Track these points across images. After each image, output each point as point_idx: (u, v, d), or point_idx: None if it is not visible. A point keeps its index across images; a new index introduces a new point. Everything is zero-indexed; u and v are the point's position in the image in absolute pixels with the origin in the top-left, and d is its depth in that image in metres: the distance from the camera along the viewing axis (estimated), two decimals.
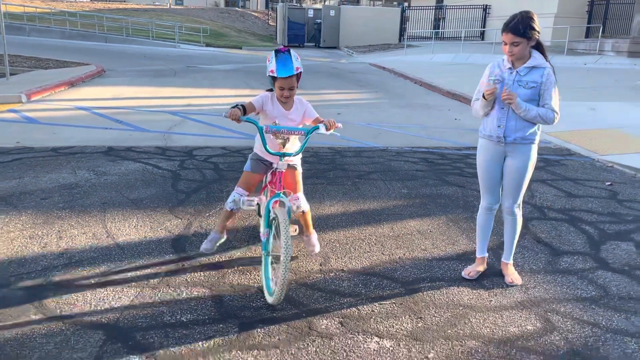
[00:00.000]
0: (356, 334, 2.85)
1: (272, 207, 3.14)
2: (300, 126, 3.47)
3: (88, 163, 6.04)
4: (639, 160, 6.67)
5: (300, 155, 3.55)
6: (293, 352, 2.67)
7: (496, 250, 3.95)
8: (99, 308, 3.03)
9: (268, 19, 42.37)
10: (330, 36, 31.44)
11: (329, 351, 2.69)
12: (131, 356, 2.60)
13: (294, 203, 3.42)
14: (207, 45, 27.73)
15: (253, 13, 44.89)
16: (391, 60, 21.32)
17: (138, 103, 10.28)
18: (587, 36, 23.76)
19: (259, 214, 3.69)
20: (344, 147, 7.24)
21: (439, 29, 31.35)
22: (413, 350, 2.72)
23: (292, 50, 3.27)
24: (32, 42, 22.81)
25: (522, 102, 3.13)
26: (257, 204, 3.51)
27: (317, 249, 3.74)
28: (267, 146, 3.23)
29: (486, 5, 29.33)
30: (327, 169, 6.10)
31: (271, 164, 3.45)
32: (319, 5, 37.91)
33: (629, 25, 21.36)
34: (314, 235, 3.75)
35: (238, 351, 2.67)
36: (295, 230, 3.96)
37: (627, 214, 4.85)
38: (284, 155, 3.26)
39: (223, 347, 2.69)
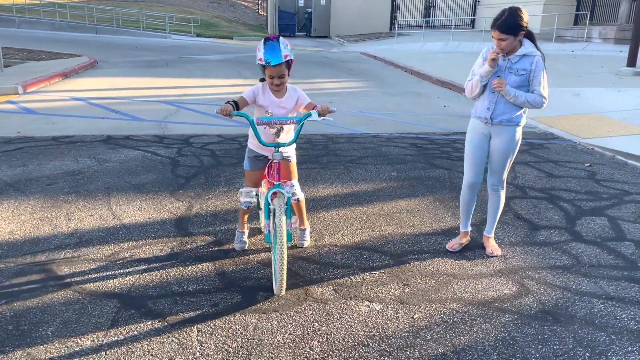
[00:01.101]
0: (348, 299, 3.13)
1: (271, 199, 3.20)
2: (294, 114, 3.45)
3: (89, 151, 6.25)
4: (618, 143, 6.98)
5: (294, 146, 3.54)
6: (291, 314, 2.94)
7: (479, 225, 4.24)
8: (111, 280, 3.28)
9: (259, 9, 42.32)
10: (321, 25, 31.52)
11: (324, 313, 2.97)
12: (144, 320, 2.86)
13: (290, 190, 3.45)
14: (198, 35, 27.75)
15: (243, 3, 44.78)
16: (382, 49, 21.52)
17: (132, 93, 10.46)
18: (575, 23, 24.08)
19: (259, 207, 3.88)
20: (337, 133, 7.49)
21: (429, 17, 31.55)
22: (400, 312, 3.00)
23: (281, 38, 3.21)
24: (23, 34, 22.75)
25: (511, 89, 3.36)
26: (256, 194, 3.61)
27: (307, 244, 3.83)
28: (262, 138, 3.21)
29: None
30: (320, 155, 6.35)
31: (267, 157, 3.47)
32: None
33: (617, 13, 21.66)
34: (307, 230, 3.84)
35: (241, 315, 2.93)
36: (296, 221, 3.72)
37: (604, 192, 5.15)
38: (278, 145, 3.21)
39: (227, 312, 2.96)
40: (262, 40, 3.20)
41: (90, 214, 4.35)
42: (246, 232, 3.81)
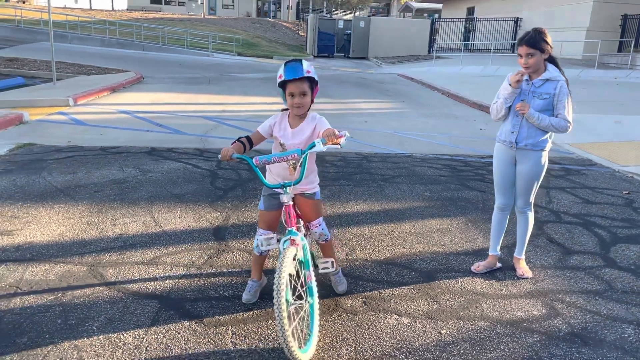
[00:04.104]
0: (377, 311, 3.21)
1: (283, 248, 2.70)
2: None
3: (133, 161, 6.55)
4: None
5: (316, 181, 3.21)
6: (321, 324, 3.05)
7: (510, 247, 4.25)
8: (152, 283, 3.46)
9: (298, 30, 43.13)
10: (359, 47, 31.92)
11: (353, 324, 3.06)
12: (182, 321, 3.02)
13: (315, 231, 3.19)
14: (239, 54, 28.49)
15: (284, 23, 45.75)
16: (419, 71, 21.62)
17: (175, 108, 10.86)
18: (619, 50, 23.66)
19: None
20: (371, 152, 7.60)
21: (468, 41, 31.52)
22: (428, 326, 3.06)
23: (303, 60, 2.96)
24: (74, 49, 23.87)
25: (534, 112, 3.43)
26: (278, 240, 2.88)
27: (342, 288, 3.41)
28: (266, 179, 3.01)
29: (517, 18, 29.43)
30: (354, 172, 6.47)
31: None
32: (349, 17, 38.49)
33: None
34: (339, 274, 3.44)
35: (273, 321, 3.05)
36: (333, 264, 3.16)
37: None
38: (284, 185, 2.84)
39: (260, 317, 3.09)
40: (284, 63, 2.96)
41: (134, 220, 4.57)
42: (264, 283, 3.39)
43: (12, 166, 6.13)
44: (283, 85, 2.93)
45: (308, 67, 2.89)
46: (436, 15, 43.24)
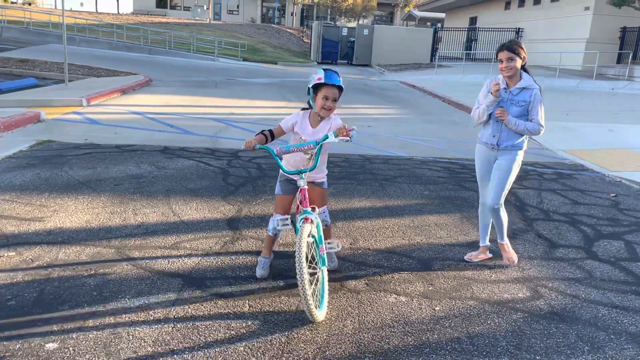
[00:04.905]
0: (378, 291, 3.57)
1: (300, 225, 3.16)
2: None
3: (148, 159, 6.93)
4: None
5: (325, 171, 3.62)
6: (328, 300, 3.41)
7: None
8: (175, 264, 3.83)
9: (303, 36, 43.67)
10: (362, 54, 32.41)
11: (357, 301, 3.42)
12: (204, 295, 3.39)
13: (320, 216, 3.48)
14: (244, 59, 28.96)
15: (288, 30, 46.31)
16: (422, 79, 22.05)
17: (185, 110, 11.26)
18: (618, 62, 24.08)
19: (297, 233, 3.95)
20: (373, 155, 7.98)
21: (470, 50, 32.00)
22: (423, 304, 3.43)
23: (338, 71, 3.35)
24: (83, 52, 24.32)
25: (512, 118, 3.85)
26: (292, 220, 3.41)
27: (333, 265, 3.85)
28: (285, 167, 3.39)
29: (519, 29, 29.92)
30: (358, 173, 6.84)
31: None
32: (353, 24, 39.01)
33: None
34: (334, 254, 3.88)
35: (285, 297, 3.42)
36: (338, 245, 3.51)
37: (625, 220, 5.44)
38: (300, 172, 3.24)
39: (273, 293, 3.45)
40: (321, 69, 3.35)
41: (153, 211, 4.95)
42: (270, 258, 3.79)
43: (35, 161, 6.51)
44: (316, 87, 3.31)
45: (341, 78, 3.33)
46: (439, 25, 43.80)
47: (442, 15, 45.12)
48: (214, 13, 53.81)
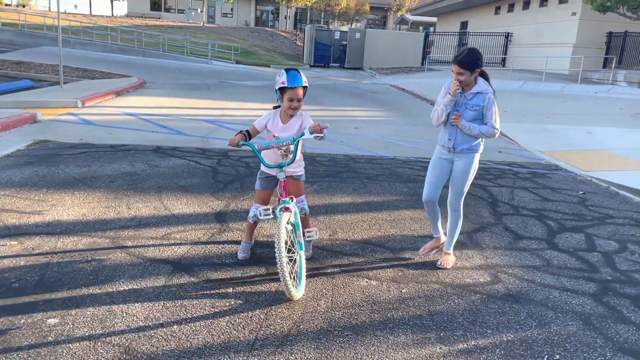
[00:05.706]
0: (351, 276, 3.92)
1: (279, 213, 3.49)
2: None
3: (141, 158, 7.24)
4: (615, 176, 7.61)
5: (302, 165, 4.02)
6: (305, 284, 3.74)
7: (470, 233, 4.98)
8: (165, 252, 4.15)
9: (296, 40, 44.05)
10: (354, 58, 32.82)
11: (331, 285, 3.76)
12: (192, 279, 3.72)
13: (298, 206, 3.79)
14: (238, 62, 29.29)
15: (282, 33, 46.69)
16: (411, 82, 22.45)
17: (177, 112, 11.57)
18: (604, 66, 24.61)
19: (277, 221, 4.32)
20: (358, 155, 8.33)
21: None
22: (392, 287, 3.77)
23: (299, 70, 3.63)
24: (77, 54, 24.57)
25: (466, 123, 3.99)
26: (273, 210, 3.61)
27: (308, 254, 4.17)
28: (266, 161, 3.76)
29: (508, 33, 30.42)
30: (341, 171, 7.19)
31: (276, 177, 3.76)
32: (345, 28, 39.38)
33: None
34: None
35: (266, 282, 3.75)
36: (316, 233, 3.94)
37: (588, 215, 5.81)
38: (280, 166, 3.62)
39: (255, 278, 3.79)
40: (283, 70, 3.63)
41: (146, 205, 5.26)
42: (251, 243, 4.20)
43: (32, 159, 6.81)
44: (282, 89, 3.63)
45: (304, 77, 3.64)
46: (431, 29, 44.32)
47: (434, 19, 45.66)
48: (208, 16, 54.13)
